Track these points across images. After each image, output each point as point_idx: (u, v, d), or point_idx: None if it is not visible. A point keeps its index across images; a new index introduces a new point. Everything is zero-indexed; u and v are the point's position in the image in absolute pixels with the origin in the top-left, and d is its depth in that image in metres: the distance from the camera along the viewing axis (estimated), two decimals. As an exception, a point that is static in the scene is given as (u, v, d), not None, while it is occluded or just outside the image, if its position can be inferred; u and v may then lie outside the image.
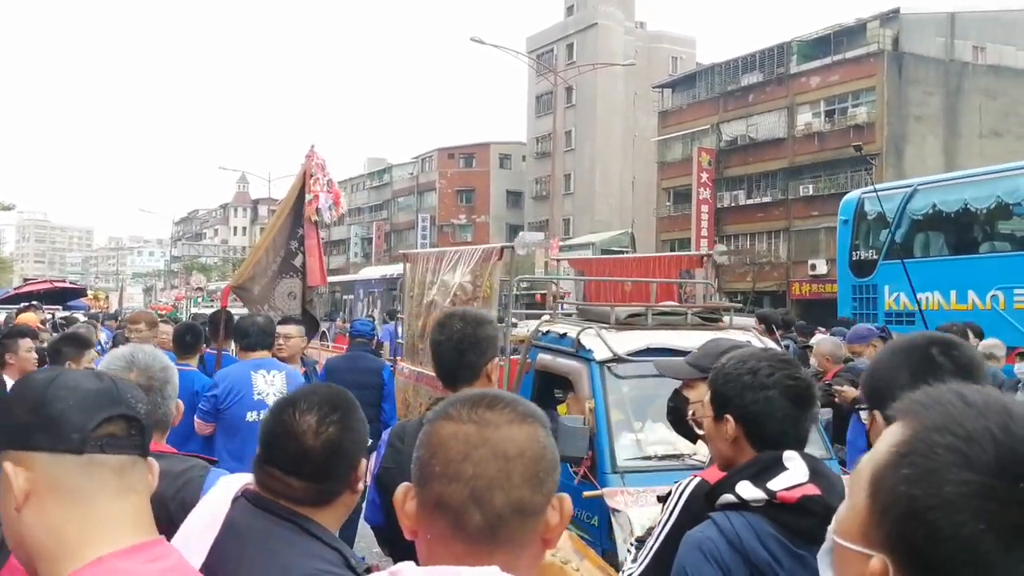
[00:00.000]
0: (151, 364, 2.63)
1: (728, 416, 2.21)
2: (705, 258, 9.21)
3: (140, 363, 2.62)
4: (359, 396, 2.22)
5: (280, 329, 6.64)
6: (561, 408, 5.75)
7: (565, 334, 5.91)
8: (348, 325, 24.95)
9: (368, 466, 2.09)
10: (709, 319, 6.22)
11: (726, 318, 6.36)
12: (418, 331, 7.39)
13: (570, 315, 7.07)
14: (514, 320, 7.43)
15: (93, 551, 1.38)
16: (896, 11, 39.25)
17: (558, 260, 17.41)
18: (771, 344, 5.74)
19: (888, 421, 1.87)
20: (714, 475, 2.27)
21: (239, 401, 5.43)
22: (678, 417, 2.99)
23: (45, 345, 6.64)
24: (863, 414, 2.06)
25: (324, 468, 1.97)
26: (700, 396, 2.72)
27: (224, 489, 2.04)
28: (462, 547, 1.22)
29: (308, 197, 7.94)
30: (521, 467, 1.23)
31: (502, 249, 6.84)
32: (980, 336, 8.17)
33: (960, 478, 0.87)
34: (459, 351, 3.01)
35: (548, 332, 6.21)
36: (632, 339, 5.49)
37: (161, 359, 2.68)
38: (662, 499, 2.49)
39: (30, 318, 10.60)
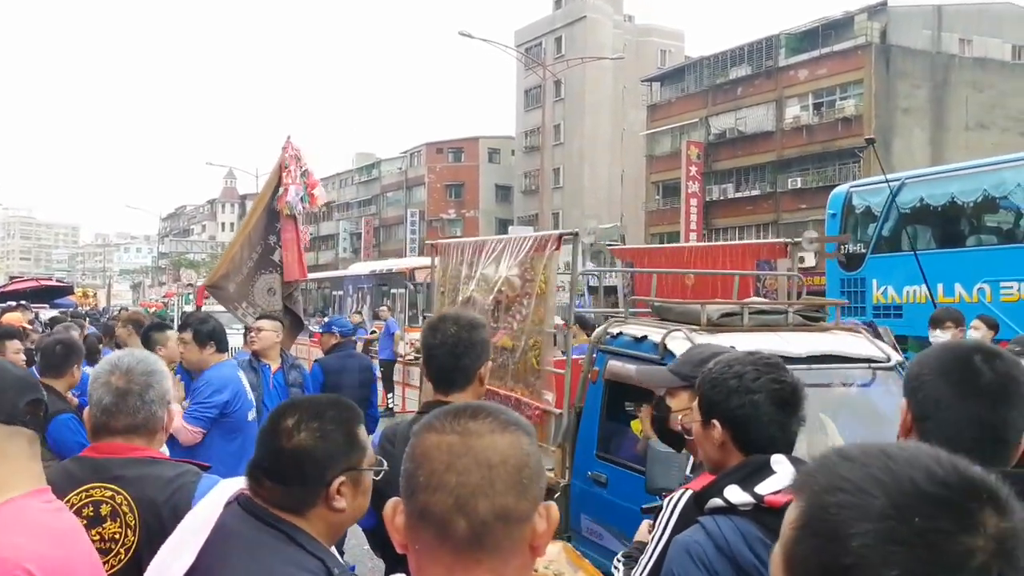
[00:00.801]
0: (133, 367, 2.62)
1: (715, 421, 2.22)
2: (790, 246, 7.70)
3: (123, 366, 2.62)
4: (360, 395, 2.23)
5: (256, 323, 6.71)
6: (634, 424, 5.14)
7: (644, 337, 5.09)
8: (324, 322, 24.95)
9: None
10: (811, 318, 5.44)
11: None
12: None
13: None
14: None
15: (6, 495, 1.78)
16: (883, 4, 39.41)
17: (615, 246, 15.92)
18: (885, 347, 5.28)
19: (914, 418, 1.89)
20: (699, 485, 2.29)
21: (243, 403, 5.44)
22: (662, 426, 2.99)
23: (33, 346, 6.63)
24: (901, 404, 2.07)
25: (289, 471, 1.98)
26: (682, 404, 2.73)
27: (220, 492, 2.07)
28: (449, 556, 1.23)
29: (280, 191, 7.73)
30: (504, 474, 1.24)
31: (560, 237, 6.02)
32: (995, 328, 7.65)
33: (861, 530, 0.88)
34: (454, 355, 2.97)
35: (620, 334, 5.34)
36: (729, 344, 4.25)
37: (148, 364, 2.67)
38: (649, 511, 2.49)
39: (16, 318, 10.53)
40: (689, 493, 2.31)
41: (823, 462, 0.97)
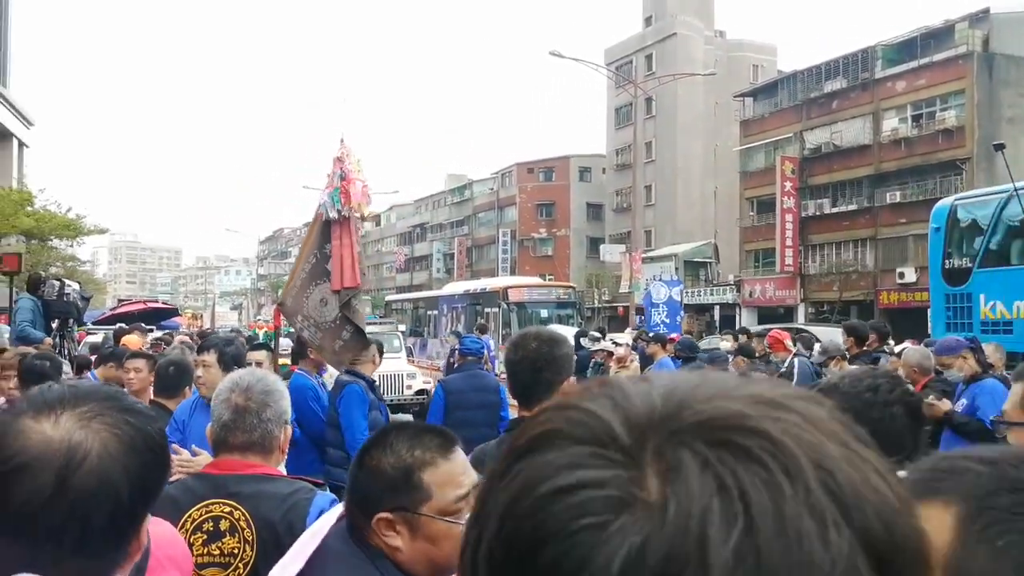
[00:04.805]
0: (252, 386, 2.69)
1: None
2: None
3: (243, 384, 2.69)
4: (482, 417, 2.22)
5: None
6: None
7: None
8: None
9: None
10: None
11: None
12: None
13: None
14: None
15: None
16: (986, 11, 38.24)
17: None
18: None
19: None
20: None
21: None
22: None
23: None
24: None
25: (351, 493, 2.02)
26: None
27: (339, 507, 2.12)
28: None
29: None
30: None
31: None
32: None
33: None
34: (535, 369, 3.00)
35: None
36: None
37: (267, 384, 2.74)
38: None
39: (134, 340, 10.92)
40: None
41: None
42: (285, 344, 13.22)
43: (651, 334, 13.43)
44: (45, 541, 1.15)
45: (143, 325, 14.58)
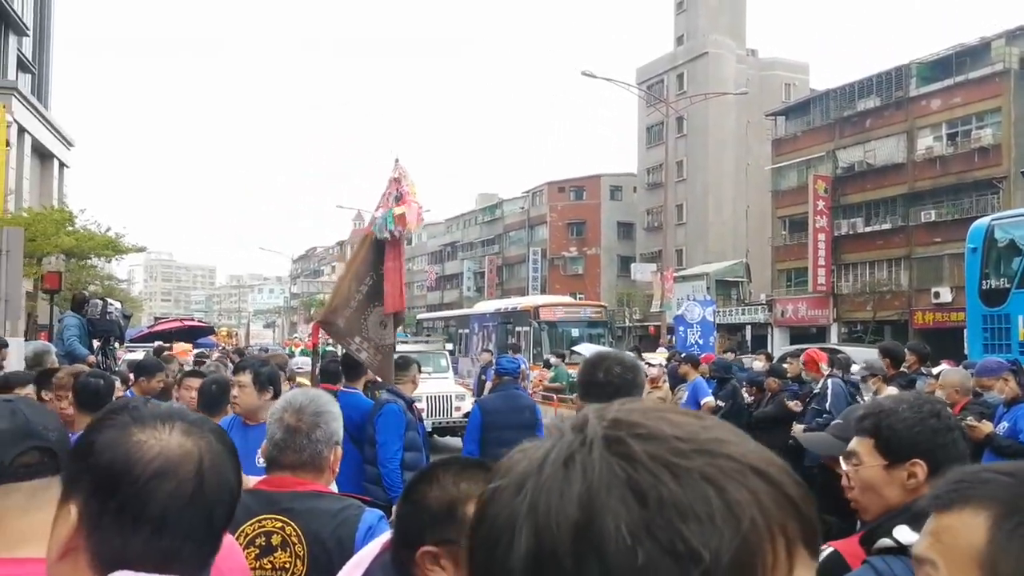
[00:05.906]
0: (305, 407, 2.75)
1: (918, 460, 2.20)
2: None
3: (295, 404, 2.76)
4: (517, 436, 2.23)
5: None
6: None
7: None
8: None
9: None
10: None
11: None
12: None
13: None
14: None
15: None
16: (1022, 29, 37.86)
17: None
18: None
19: None
20: (847, 544, 2.27)
21: None
22: (837, 494, 2.90)
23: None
24: None
25: (396, 526, 2.06)
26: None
27: (382, 537, 2.17)
28: None
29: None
30: None
31: None
32: None
33: None
34: (619, 395, 3.02)
35: None
36: None
37: (318, 405, 2.79)
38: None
39: (183, 347, 11.28)
40: (829, 551, 2.28)
41: None
42: (301, 362, 13.22)
43: (683, 355, 13.42)
44: (184, 539, 1.22)
45: (183, 344, 14.83)
